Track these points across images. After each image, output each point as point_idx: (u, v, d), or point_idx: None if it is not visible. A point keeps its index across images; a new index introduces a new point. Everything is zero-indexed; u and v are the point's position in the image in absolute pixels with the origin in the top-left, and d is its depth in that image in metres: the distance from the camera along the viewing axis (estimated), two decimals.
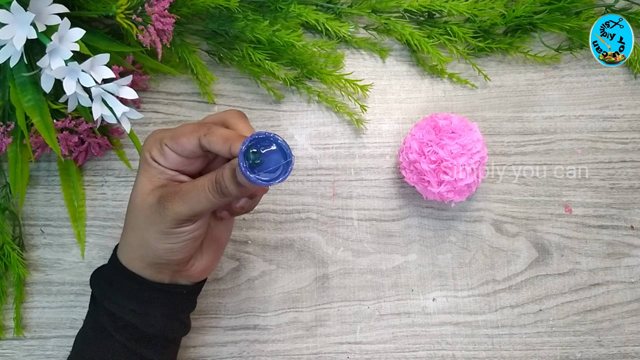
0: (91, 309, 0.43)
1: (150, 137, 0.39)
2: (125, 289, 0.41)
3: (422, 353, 0.52)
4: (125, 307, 0.40)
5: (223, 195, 0.36)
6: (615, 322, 0.53)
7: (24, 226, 0.53)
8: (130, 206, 0.39)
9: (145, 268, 0.40)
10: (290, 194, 0.55)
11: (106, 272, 0.42)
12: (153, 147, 0.38)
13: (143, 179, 0.38)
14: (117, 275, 0.41)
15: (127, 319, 0.40)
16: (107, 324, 0.40)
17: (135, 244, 0.39)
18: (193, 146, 0.37)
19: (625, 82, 0.56)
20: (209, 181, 0.36)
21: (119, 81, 0.45)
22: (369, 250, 0.54)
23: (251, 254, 0.54)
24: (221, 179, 0.36)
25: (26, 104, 0.46)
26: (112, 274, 0.41)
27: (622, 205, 0.55)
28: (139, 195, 0.38)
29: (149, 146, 0.38)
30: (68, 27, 0.43)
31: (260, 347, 0.52)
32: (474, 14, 0.53)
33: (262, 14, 0.53)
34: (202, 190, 0.36)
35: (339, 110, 0.54)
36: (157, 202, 0.37)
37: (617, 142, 0.55)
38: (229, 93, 0.56)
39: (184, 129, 0.37)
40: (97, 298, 0.41)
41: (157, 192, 0.38)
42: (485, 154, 0.50)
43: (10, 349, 0.52)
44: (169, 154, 0.38)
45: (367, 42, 0.56)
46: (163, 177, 0.38)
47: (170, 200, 0.37)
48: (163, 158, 0.38)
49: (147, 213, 0.38)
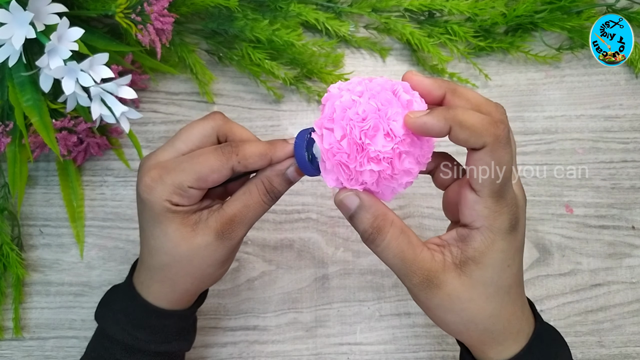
0: (101, 343, 0.41)
1: (157, 182, 0.34)
2: (153, 326, 0.39)
3: (423, 354, 0.52)
4: (145, 339, 0.39)
5: (276, 199, 0.37)
6: (616, 322, 0.52)
7: (22, 226, 0.53)
8: (170, 254, 0.36)
9: (179, 301, 0.39)
10: (290, 194, 0.54)
11: (127, 310, 0.40)
12: (173, 194, 0.34)
13: (174, 227, 0.35)
14: (141, 314, 0.39)
15: (146, 348, 0.39)
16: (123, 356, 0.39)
17: (187, 286, 0.38)
18: (225, 177, 0.35)
19: (627, 81, 0.56)
20: (261, 194, 0.36)
21: (118, 81, 0.45)
22: (369, 250, 0.53)
23: (251, 255, 0.53)
24: (273, 187, 0.36)
25: (25, 104, 0.46)
26: (137, 313, 0.39)
27: (623, 205, 0.54)
28: (181, 244, 0.35)
29: (167, 192, 0.34)
30: (67, 26, 0.42)
31: (260, 347, 0.52)
32: (474, 13, 0.53)
33: (262, 13, 0.53)
34: (259, 206, 0.36)
35: None
36: (217, 239, 0.36)
37: (618, 142, 0.55)
38: (229, 92, 0.56)
39: (209, 165, 0.34)
40: (110, 332, 0.39)
41: (204, 229, 0.36)
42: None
43: (9, 349, 0.52)
44: (194, 194, 0.35)
45: (367, 42, 0.56)
46: (192, 212, 0.36)
47: (231, 231, 0.36)
48: (187, 199, 0.35)
49: (204, 254, 0.36)
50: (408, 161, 0.32)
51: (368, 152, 0.30)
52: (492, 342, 0.34)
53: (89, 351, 0.41)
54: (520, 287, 0.35)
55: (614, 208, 0.54)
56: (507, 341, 0.34)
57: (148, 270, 0.38)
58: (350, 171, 0.32)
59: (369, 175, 0.31)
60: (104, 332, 0.40)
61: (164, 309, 0.39)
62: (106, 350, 0.40)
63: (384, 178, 0.32)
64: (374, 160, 0.31)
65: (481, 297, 0.33)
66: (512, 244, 0.33)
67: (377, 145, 0.30)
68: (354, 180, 0.32)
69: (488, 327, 0.34)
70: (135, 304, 0.39)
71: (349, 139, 0.31)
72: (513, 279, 0.34)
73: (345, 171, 0.32)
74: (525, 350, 0.34)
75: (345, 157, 0.31)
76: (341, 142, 0.31)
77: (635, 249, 0.54)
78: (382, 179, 0.32)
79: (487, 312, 0.33)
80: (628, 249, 0.54)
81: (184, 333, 0.41)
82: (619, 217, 0.54)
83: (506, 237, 0.32)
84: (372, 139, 0.30)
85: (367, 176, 0.31)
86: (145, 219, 0.36)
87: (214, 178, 0.34)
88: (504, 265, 0.33)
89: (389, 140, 0.30)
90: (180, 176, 0.34)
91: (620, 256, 0.54)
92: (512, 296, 0.34)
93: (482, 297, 0.33)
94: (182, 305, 0.40)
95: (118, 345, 0.39)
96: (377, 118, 0.30)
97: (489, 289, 0.33)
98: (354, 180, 0.32)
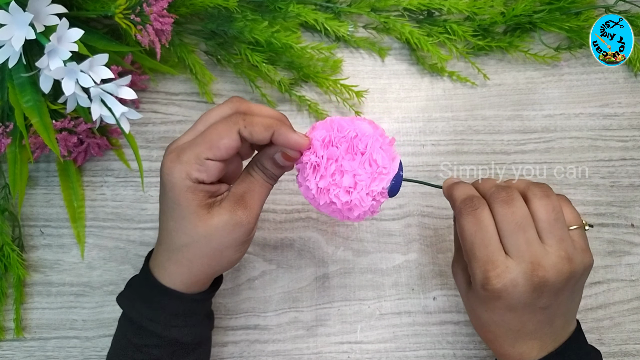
0: (125, 332, 0.42)
1: (175, 162, 0.36)
2: (165, 306, 0.40)
3: (423, 352, 0.52)
4: (167, 324, 0.40)
5: (274, 180, 0.39)
6: (616, 320, 0.52)
7: (23, 227, 0.53)
8: (189, 234, 0.37)
9: (199, 285, 0.41)
10: (290, 193, 0.54)
11: (149, 295, 0.41)
12: (192, 169, 0.36)
13: (192, 209, 0.37)
14: (162, 297, 0.40)
15: (170, 336, 0.40)
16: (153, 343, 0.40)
17: (204, 267, 0.39)
18: (235, 142, 0.36)
19: (625, 80, 0.56)
20: (260, 174, 0.39)
21: (118, 81, 0.45)
22: (369, 249, 0.54)
23: (251, 254, 0.54)
24: (266, 169, 0.39)
25: (25, 105, 0.46)
26: (158, 298, 0.41)
27: (622, 203, 0.55)
28: (199, 225, 0.37)
29: (185, 171, 0.36)
30: (67, 27, 0.42)
31: (260, 347, 0.52)
32: (473, 12, 0.53)
33: (261, 14, 0.53)
34: (261, 185, 0.39)
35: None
36: (231, 218, 0.37)
37: (617, 140, 0.55)
38: (228, 93, 0.56)
39: (217, 132, 0.36)
40: (135, 318, 0.41)
41: (219, 210, 0.37)
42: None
43: (10, 350, 0.52)
44: (211, 166, 0.36)
45: (366, 42, 0.56)
46: (210, 196, 0.38)
47: (243, 207, 0.37)
48: (206, 174, 0.36)
49: (221, 234, 0.37)
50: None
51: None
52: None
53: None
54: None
55: (613, 206, 0.55)
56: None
57: (166, 251, 0.39)
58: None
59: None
60: (123, 314, 0.42)
61: (178, 291, 0.40)
62: (121, 331, 0.42)
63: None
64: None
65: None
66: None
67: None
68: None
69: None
70: (149, 284, 0.40)
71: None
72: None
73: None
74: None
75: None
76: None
77: (634, 247, 0.54)
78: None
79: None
80: (627, 246, 0.54)
81: (195, 319, 0.42)
82: (618, 215, 0.54)
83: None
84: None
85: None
86: (166, 201, 0.38)
87: (225, 144, 0.36)
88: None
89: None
90: (195, 150, 0.36)
91: (620, 254, 0.54)
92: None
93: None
94: (197, 289, 0.41)
95: (131, 325, 0.41)
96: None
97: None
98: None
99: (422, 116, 0.55)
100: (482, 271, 0.37)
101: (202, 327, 0.43)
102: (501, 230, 0.37)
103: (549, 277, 0.36)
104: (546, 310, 0.38)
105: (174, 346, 0.41)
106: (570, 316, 0.41)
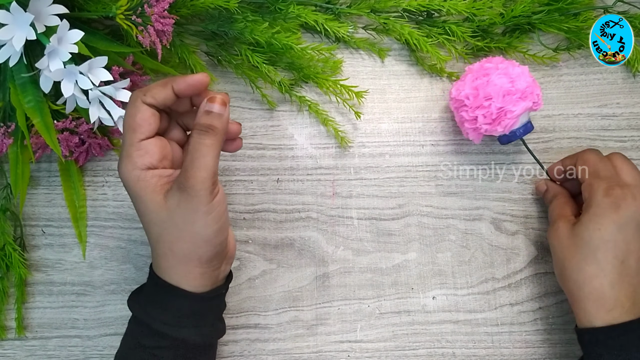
0: (134, 332, 0.42)
1: (122, 162, 0.39)
2: (178, 307, 0.40)
3: (422, 351, 0.53)
4: (178, 325, 0.40)
5: (217, 134, 0.38)
6: None
7: (25, 227, 0.53)
8: (157, 223, 0.39)
9: (198, 278, 0.40)
10: (290, 193, 0.55)
11: (154, 295, 0.41)
12: (134, 157, 0.38)
13: (149, 197, 0.38)
14: (166, 296, 0.40)
15: (178, 336, 0.40)
16: (161, 343, 0.40)
17: (184, 252, 0.39)
18: (147, 111, 0.38)
19: (624, 80, 0.57)
20: (197, 137, 0.38)
21: (117, 84, 0.46)
22: (369, 249, 0.54)
23: (251, 253, 0.54)
24: (200, 124, 0.38)
25: (27, 105, 0.46)
26: (163, 296, 0.41)
27: None
28: (160, 210, 0.38)
29: (130, 163, 0.38)
30: (67, 28, 0.43)
31: (261, 346, 0.52)
32: (472, 13, 0.54)
33: (262, 15, 0.54)
34: (202, 148, 0.37)
35: (327, 124, 0.54)
36: (180, 193, 0.37)
37: (615, 140, 0.56)
38: (229, 93, 0.56)
39: (129, 115, 0.39)
40: (144, 320, 0.41)
41: (170, 191, 0.38)
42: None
43: (12, 349, 0.52)
44: (147, 144, 0.38)
45: (366, 42, 0.56)
46: (160, 179, 0.39)
47: (188, 178, 0.37)
48: (147, 154, 0.38)
49: (182, 212, 0.37)
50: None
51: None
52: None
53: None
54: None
55: None
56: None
57: (153, 249, 0.40)
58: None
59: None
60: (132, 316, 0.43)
61: (181, 288, 0.40)
62: (130, 332, 0.42)
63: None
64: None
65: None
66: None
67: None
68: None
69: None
70: (153, 283, 0.41)
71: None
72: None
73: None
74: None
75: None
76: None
77: None
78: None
79: None
80: None
81: (198, 318, 0.41)
82: None
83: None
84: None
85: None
86: (134, 205, 0.39)
87: (140, 118, 0.38)
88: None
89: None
90: (126, 141, 0.38)
91: None
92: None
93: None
94: (200, 285, 0.40)
95: (138, 325, 0.41)
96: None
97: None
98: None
99: (422, 116, 0.56)
100: (607, 182, 0.45)
101: (212, 329, 0.43)
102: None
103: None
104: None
105: (182, 348, 0.40)
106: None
